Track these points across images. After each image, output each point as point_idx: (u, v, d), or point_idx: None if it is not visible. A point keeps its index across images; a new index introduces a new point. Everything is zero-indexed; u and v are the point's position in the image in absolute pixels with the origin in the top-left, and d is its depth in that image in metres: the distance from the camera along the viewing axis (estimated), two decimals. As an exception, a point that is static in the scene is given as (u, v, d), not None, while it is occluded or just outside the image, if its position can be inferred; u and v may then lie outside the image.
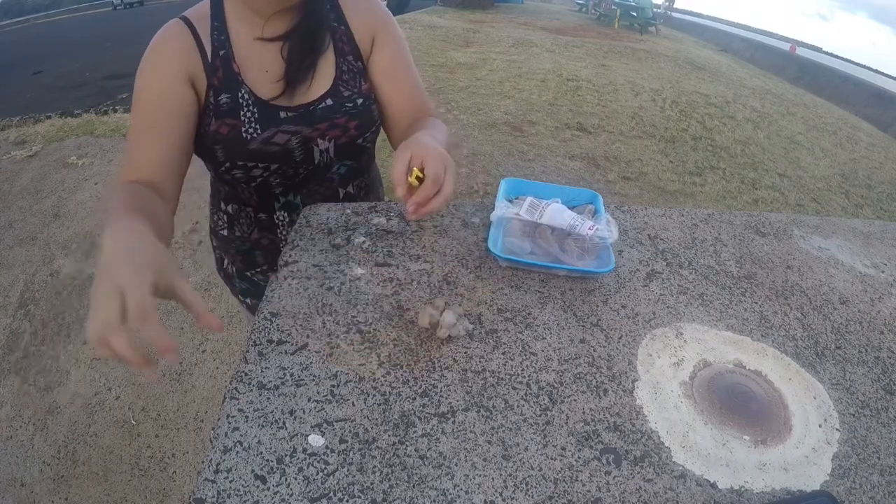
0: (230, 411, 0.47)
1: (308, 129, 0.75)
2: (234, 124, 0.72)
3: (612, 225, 0.67)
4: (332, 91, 0.76)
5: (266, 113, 0.73)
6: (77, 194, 3.09)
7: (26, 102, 5.10)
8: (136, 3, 16.11)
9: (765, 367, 0.56)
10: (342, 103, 0.76)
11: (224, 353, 2.04)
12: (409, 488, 0.42)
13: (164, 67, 0.69)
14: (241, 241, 0.88)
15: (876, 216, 3.93)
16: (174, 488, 1.58)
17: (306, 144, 0.76)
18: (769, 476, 0.45)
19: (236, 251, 0.90)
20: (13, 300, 2.34)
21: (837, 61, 14.13)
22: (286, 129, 0.74)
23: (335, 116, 0.76)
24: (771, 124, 5.84)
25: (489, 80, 5.82)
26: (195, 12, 0.72)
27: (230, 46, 0.72)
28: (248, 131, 0.72)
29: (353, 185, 0.87)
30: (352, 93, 0.77)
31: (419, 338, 0.56)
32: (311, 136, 0.76)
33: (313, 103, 0.75)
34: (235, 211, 0.86)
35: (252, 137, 0.72)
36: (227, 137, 0.72)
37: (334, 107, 0.76)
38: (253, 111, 0.72)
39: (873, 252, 0.80)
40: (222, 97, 0.71)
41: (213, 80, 0.71)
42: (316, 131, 0.76)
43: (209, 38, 0.71)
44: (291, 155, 0.76)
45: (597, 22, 14.14)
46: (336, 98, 0.76)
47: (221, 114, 0.71)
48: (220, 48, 0.71)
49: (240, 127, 0.72)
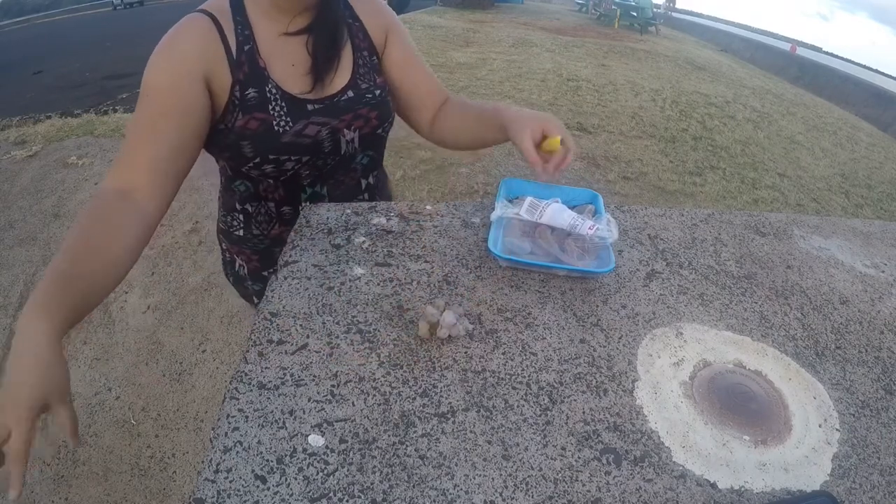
0: (230, 411, 0.47)
1: (335, 121, 0.77)
2: (263, 118, 0.72)
3: (612, 225, 0.67)
4: (352, 84, 0.78)
5: (294, 106, 0.74)
6: (77, 194, 3.09)
7: (26, 102, 5.10)
8: (136, 3, 16.10)
9: (765, 367, 0.56)
10: (362, 95, 0.79)
11: (224, 353, 2.04)
12: (409, 488, 0.42)
13: (177, 63, 0.67)
14: (258, 240, 0.88)
15: (876, 216, 3.93)
16: (174, 488, 1.58)
17: (334, 135, 0.78)
18: (769, 476, 0.45)
19: (252, 251, 0.90)
20: (13, 300, 2.34)
21: (837, 61, 14.13)
22: (316, 120, 0.75)
23: (358, 107, 0.79)
24: (771, 124, 5.84)
25: (489, 80, 5.82)
26: (215, 6, 0.71)
27: (255, 41, 0.72)
28: (280, 124, 0.73)
29: (372, 175, 0.90)
30: (369, 85, 0.80)
31: (419, 338, 0.56)
32: (339, 127, 0.78)
33: (336, 95, 0.77)
34: (255, 209, 0.85)
35: (284, 130, 0.73)
36: (257, 132, 0.72)
37: (355, 98, 0.78)
38: (281, 105, 0.73)
39: (873, 252, 0.80)
40: (249, 92, 0.71)
41: (238, 74, 0.70)
42: (342, 122, 0.78)
43: (233, 32, 0.70)
44: (321, 146, 0.77)
45: (597, 22, 14.14)
46: (356, 90, 0.79)
47: (249, 108, 0.71)
48: (244, 43, 0.71)
49: (270, 121, 0.72)
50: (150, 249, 2.61)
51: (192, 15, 0.70)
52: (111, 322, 2.21)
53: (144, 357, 2.03)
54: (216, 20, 0.69)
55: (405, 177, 3.32)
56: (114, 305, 2.29)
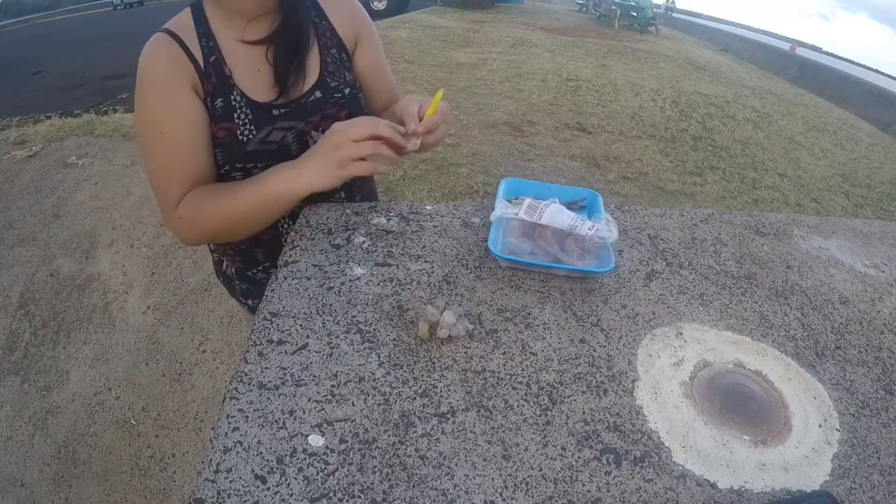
0: (230, 411, 0.47)
1: (302, 123, 0.77)
2: (229, 128, 0.72)
3: (612, 225, 0.67)
4: (320, 83, 0.78)
5: (259, 113, 0.73)
6: (77, 194, 3.09)
7: (26, 102, 5.10)
8: (136, 3, 16.09)
9: (765, 367, 0.56)
10: (331, 94, 0.79)
11: (224, 353, 2.04)
12: (409, 488, 0.42)
13: (172, 88, 0.68)
14: (238, 241, 0.88)
15: (876, 216, 3.93)
16: (174, 488, 1.58)
17: (301, 138, 0.77)
18: (769, 476, 0.45)
19: (235, 251, 0.90)
20: (13, 300, 2.34)
21: (837, 61, 14.13)
22: (281, 125, 0.75)
23: (326, 107, 0.78)
24: (771, 124, 5.84)
25: (489, 80, 5.82)
26: (176, 24, 0.72)
27: (220, 51, 0.72)
28: (244, 133, 0.73)
29: None
30: (338, 83, 0.80)
31: (419, 338, 0.56)
32: (306, 130, 0.77)
33: (303, 97, 0.77)
34: None
35: (248, 139, 0.73)
36: (224, 141, 0.73)
37: (324, 98, 0.78)
38: (246, 112, 0.73)
39: (873, 252, 0.80)
40: (217, 102, 0.72)
41: (207, 86, 0.71)
42: (309, 124, 0.77)
43: (198, 46, 0.71)
44: (288, 150, 0.76)
45: (597, 22, 14.13)
46: (324, 90, 0.78)
47: (217, 118, 0.72)
48: (210, 54, 0.71)
49: (235, 130, 0.72)
50: (150, 249, 2.61)
51: (151, 39, 0.70)
52: (111, 322, 2.21)
53: (144, 357, 2.03)
54: (177, 37, 0.70)
55: (405, 177, 3.32)
56: (114, 305, 2.30)
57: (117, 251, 2.61)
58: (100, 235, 2.73)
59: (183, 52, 0.69)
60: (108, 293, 2.35)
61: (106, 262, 2.55)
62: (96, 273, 2.48)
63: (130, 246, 2.64)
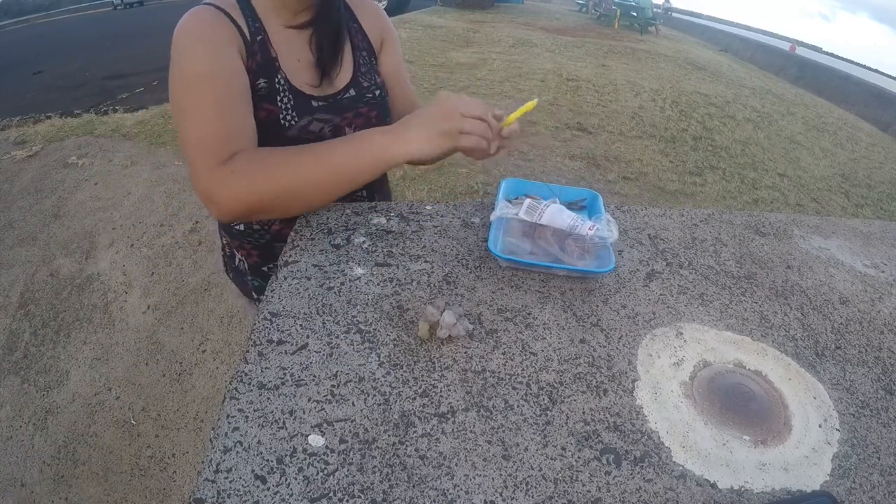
0: (230, 411, 0.47)
1: (338, 118, 0.78)
2: (271, 110, 0.72)
3: (612, 225, 0.67)
4: (354, 82, 0.79)
5: (300, 100, 0.74)
6: (77, 194, 3.09)
7: (26, 102, 5.10)
8: (136, 3, 16.10)
9: (765, 367, 0.56)
10: (363, 94, 0.80)
11: (224, 353, 2.04)
12: (409, 488, 0.42)
13: (223, 49, 0.66)
14: (259, 235, 0.88)
15: (876, 216, 3.93)
16: (174, 488, 1.58)
17: (336, 133, 0.78)
18: (769, 476, 0.45)
19: (253, 245, 0.90)
20: (13, 300, 2.34)
21: (837, 61, 14.13)
22: (320, 117, 0.76)
23: (359, 106, 0.80)
24: (771, 124, 5.84)
25: (489, 80, 5.82)
26: (221, 1, 0.70)
27: (266, 33, 0.72)
28: (287, 118, 0.73)
29: None
30: (370, 84, 0.81)
31: (419, 338, 0.56)
32: (341, 125, 0.78)
33: (339, 93, 0.78)
34: None
35: (291, 125, 0.73)
36: (265, 123, 0.72)
37: (357, 97, 0.79)
38: (289, 97, 0.73)
39: (873, 252, 0.80)
40: (260, 81, 0.71)
41: (251, 63, 0.71)
42: (344, 120, 0.78)
43: (245, 23, 0.71)
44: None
45: (597, 22, 14.14)
46: (357, 89, 0.80)
47: (259, 98, 0.71)
48: (256, 34, 0.71)
49: (278, 113, 0.72)
50: (150, 249, 2.61)
51: (197, 8, 0.68)
52: (111, 322, 2.21)
53: (144, 357, 2.03)
54: (226, 12, 0.69)
55: (405, 177, 3.32)
56: (114, 305, 2.30)
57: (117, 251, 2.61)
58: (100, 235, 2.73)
59: (230, 22, 0.68)
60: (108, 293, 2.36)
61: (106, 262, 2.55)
62: (96, 273, 2.48)
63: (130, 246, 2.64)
